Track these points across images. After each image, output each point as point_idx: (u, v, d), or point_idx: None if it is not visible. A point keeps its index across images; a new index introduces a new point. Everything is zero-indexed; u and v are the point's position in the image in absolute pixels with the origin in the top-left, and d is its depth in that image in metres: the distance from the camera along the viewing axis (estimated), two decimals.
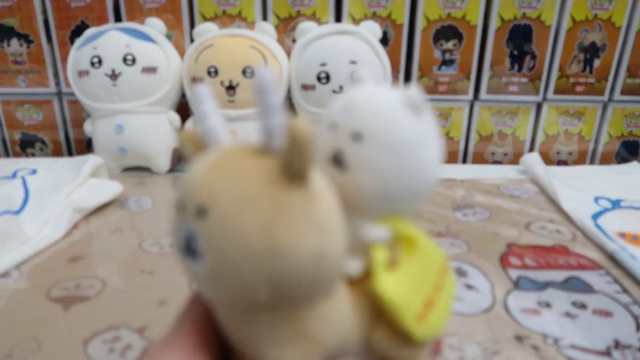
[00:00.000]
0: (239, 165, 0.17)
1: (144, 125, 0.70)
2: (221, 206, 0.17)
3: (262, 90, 0.17)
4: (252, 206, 0.17)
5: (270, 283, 0.17)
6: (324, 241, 0.17)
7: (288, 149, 0.17)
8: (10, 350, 0.36)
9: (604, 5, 0.73)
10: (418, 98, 0.20)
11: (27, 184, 0.56)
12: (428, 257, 0.22)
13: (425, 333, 0.21)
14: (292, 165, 0.17)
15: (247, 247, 0.16)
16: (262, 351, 0.19)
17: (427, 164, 0.21)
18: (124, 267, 0.47)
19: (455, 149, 0.81)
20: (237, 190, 0.17)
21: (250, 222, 0.16)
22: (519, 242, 0.53)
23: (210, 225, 0.17)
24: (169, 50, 0.70)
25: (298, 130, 0.16)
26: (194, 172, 0.18)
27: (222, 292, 0.18)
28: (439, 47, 0.76)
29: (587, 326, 0.39)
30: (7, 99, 0.79)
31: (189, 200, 0.18)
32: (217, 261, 0.17)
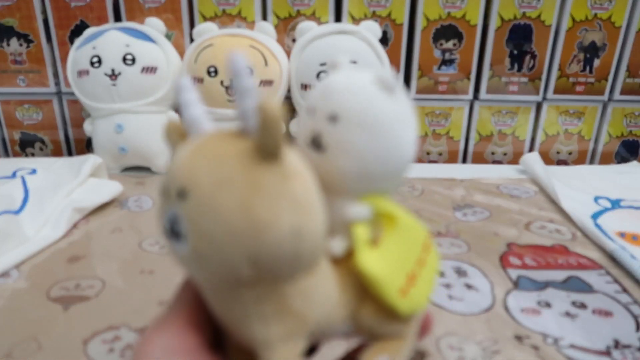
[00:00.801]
0: (217, 148, 0.18)
1: (143, 125, 0.70)
2: (200, 188, 0.17)
3: (236, 73, 0.18)
4: (230, 186, 0.17)
5: (250, 259, 0.18)
6: (301, 217, 0.18)
7: (259, 129, 0.17)
8: (10, 350, 0.36)
9: (604, 5, 0.73)
10: (390, 78, 0.21)
11: (26, 183, 0.56)
12: (410, 234, 0.22)
13: (409, 307, 0.21)
14: (265, 145, 0.17)
15: (226, 226, 0.17)
16: (248, 327, 0.19)
17: (403, 142, 0.21)
18: (124, 267, 0.47)
19: (455, 149, 0.81)
20: (215, 172, 0.17)
21: (228, 201, 0.17)
22: (518, 241, 0.53)
23: (191, 206, 0.17)
24: (169, 50, 0.70)
25: (267, 110, 0.17)
26: (175, 158, 0.19)
27: (205, 271, 0.18)
28: (438, 47, 0.76)
29: (587, 326, 0.39)
30: (7, 99, 0.79)
31: (171, 184, 0.18)
32: (199, 241, 0.17)
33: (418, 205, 0.61)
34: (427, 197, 0.64)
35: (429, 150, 0.81)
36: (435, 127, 0.80)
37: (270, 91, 0.68)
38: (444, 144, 0.81)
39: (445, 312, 0.41)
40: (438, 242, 0.52)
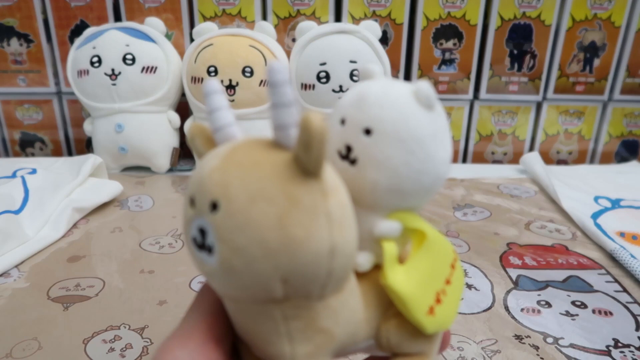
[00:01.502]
0: (251, 159, 0.18)
1: (143, 125, 0.70)
2: (234, 200, 0.17)
3: (275, 84, 0.17)
4: (266, 200, 0.17)
5: (283, 276, 0.17)
6: (336, 235, 0.17)
7: (301, 144, 0.17)
8: (11, 349, 0.36)
9: (604, 5, 0.73)
10: (429, 92, 0.20)
11: (26, 183, 0.56)
12: (438, 252, 0.22)
13: (436, 326, 0.21)
14: (307, 161, 0.17)
15: (261, 241, 0.16)
16: (273, 344, 0.19)
17: (438, 159, 0.21)
18: (124, 267, 0.47)
19: (455, 149, 0.81)
20: (251, 185, 0.17)
21: (264, 216, 0.16)
22: (519, 241, 0.53)
23: (223, 219, 0.17)
24: (169, 50, 0.70)
25: (311, 124, 0.16)
26: (205, 167, 0.18)
27: (233, 286, 0.18)
28: (438, 47, 0.76)
29: (586, 325, 0.39)
30: (7, 99, 0.79)
31: (201, 194, 0.18)
32: (230, 255, 0.17)
33: None
34: None
35: None
36: None
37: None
38: None
39: None
40: None
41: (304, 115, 0.16)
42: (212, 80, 0.20)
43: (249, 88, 0.66)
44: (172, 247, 0.51)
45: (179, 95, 0.72)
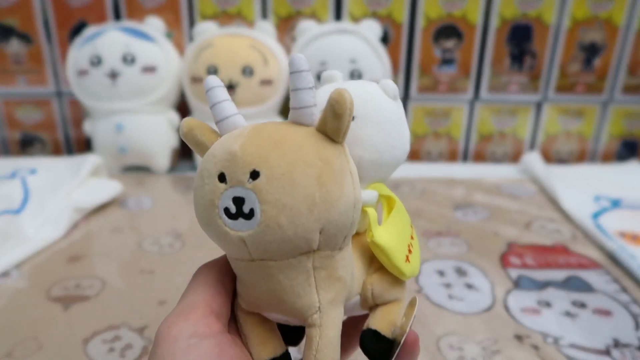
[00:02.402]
0: (279, 134, 0.21)
1: (143, 125, 0.70)
2: (275, 166, 0.20)
3: (298, 70, 0.20)
4: (305, 163, 0.20)
5: (321, 228, 0.20)
6: (357, 191, 0.21)
7: (333, 114, 0.20)
8: (11, 349, 0.36)
9: (604, 5, 0.73)
10: (394, 87, 0.26)
11: (26, 183, 0.56)
12: (403, 214, 0.26)
13: (411, 271, 0.25)
14: (337, 128, 0.20)
15: (305, 197, 0.20)
16: (303, 296, 0.22)
17: (404, 136, 0.26)
18: (124, 267, 0.47)
19: (455, 148, 0.81)
20: (287, 153, 0.20)
21: (305, 176, 0.20)
22: (519, 241, 0.53)
23: (266, 183, 0.19)
24: (169, 50, 0.70)
25: (345, 97, 0.20)
26: (232, 145, 0.21)
27: (276, 242, 0.20)
28: (439, 46, 0.76)
29: (586, 325, 0.39)
30: (7, 99, 0.79)
31: (235, 167, 0.20)
32: (276, 213, 0.19)
33: (418, 205, 0.61)
34: (427, 197, 0.64)
35: (429, 150, 0.81)
36: (436, 126, 0.80)
37: (271, 90, 0.68)
38: (444, 143, 0.81)
39: (445, 311, 0.41)
40: (438, 242, 0.52)
41: (336, 90, 0.20)
42: (212, 76, 0.23)
43: (249, 88, 0.66)
44: (172, 247, 0.51)
45: (179, 95, 0.72)
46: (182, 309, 0.22)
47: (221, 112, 0.22)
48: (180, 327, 0.21)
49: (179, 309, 0.22)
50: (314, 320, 0.22)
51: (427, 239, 0.53)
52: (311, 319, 0.22)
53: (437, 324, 0.39)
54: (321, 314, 0.22)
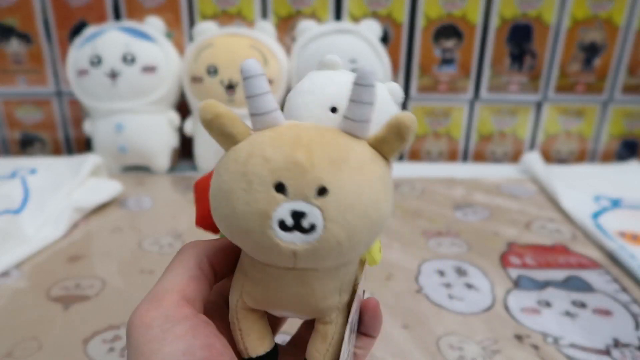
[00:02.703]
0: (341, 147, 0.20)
1: (143, 125, 0.70)
2: (344, 186, 0.20)
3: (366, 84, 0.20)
4: (369, 184, 0.20)
5: (368, 243, 0.21)
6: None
7: (397, 137, 0.21)
8: (11, 349, 0.36)
9: (604, 5, 0.73)
10: (400, 93, 0.26)
11: (26, 183, 0.56)
12: None
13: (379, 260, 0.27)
14: (397, 149, 0.21)
15: (366, 218, 0.20)
16: (328, 299, 0.22)
17: None
18: (124, 267, 0.47)
19: (455, 148, 0.81)
20: (354, 172, 0.20)
21: (369, 198, 0.20)
22: (519, 241, 0.53)
23: (334, 202, 0.19)
24: (169, 50, 0.70)
25: (414, 124, 0.20)
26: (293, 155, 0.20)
27: (333, 256, 0.20)
28: (439, 46, 0.75)
29: (586, 325, 0.39)
30: (7, 99, 0.79)
31: (301, 181, 0.19)
32: (339, 231, 0.20)
33: (418, 205, 0.61)
34: (427, 197, 0.64)
35: (429, 150, 0.81)
36: (436, 126, 0.80)
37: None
38: (444, 143, 0.81)
39: (445, 311, 0.41)
40: (438, 242, 0.52)
41: (407, 115, 0.20)
42: (252, 60, 0.20)
43: None
44: (172, 247, 0.51)
45: (179, 95, 0.72)
46: (154, 295, 0.22)
47: (262, 106, 0.21)
48: (153, 316, 0.21)
49: (150, 296, 0.22)
50: (332, 319, 0.23)
51: (427, 239, 0.53)
52: (329, 317, 0.23)
53: (437, 324, 0.39)
54: (339, 312, 0.23)
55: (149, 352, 0.20)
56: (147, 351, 0.20)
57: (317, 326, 0.24)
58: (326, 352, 0.23)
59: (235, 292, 0.24)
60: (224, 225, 0.21)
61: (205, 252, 0.24)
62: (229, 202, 0.20)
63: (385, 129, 0.21)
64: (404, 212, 0.59)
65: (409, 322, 0.39)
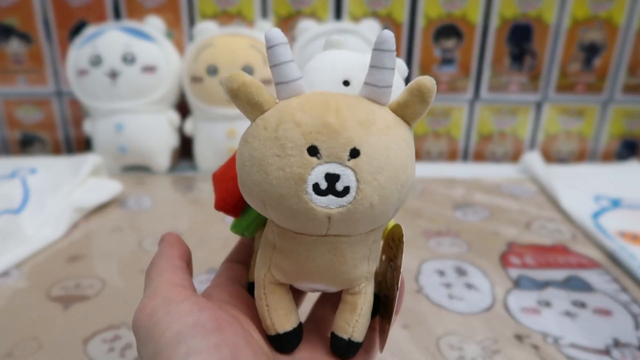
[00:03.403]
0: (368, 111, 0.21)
1: (143, 125, 0.70)
2: (375, 148, 0.20)
3: (386, 49, 0.20)
4: (397, 146, 0.20)
5: (398, 207, 0.22)
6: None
7: (419, 100, 0.21)
8: (11, 349, 0.36)
9: (604, 5, 0.73)
10: (405, 68, 0.27)
11: (26, 183, 0.56)
12: None
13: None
14: (419, 112, 0.21)
15: (396, 179, 0.20)
16: (358, 267, 0.23)
17: None
18: (124, 267, 0.47)
19: (455, 148, 0.81)
20: (382, 135, 0.20)
21: (397, 159, 0.20)
22: (519, 241, 0.53)
23: (366, 163, 0.20)
24: (169, 49, 0.70)
25: (434, 86, 0.20)
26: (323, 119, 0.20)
27: (365, 220, 0.21)
28: (439, 46, 0.75)
29: (586, 325, 0.39)
30: (7, 99, 0.79)
31: (334, 143, 0.19)
32: (372, 192, 0.20)
33: (418, 205, 0.61)
34: (427, 197, 0.64)
35: (429, 150, 0.81)
36: (436, 126, 0.80)
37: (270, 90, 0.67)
38: (445, 143, 0.81)
39: (445, 311, 0.41)
40: (438, 242, 0.52)
41: (427, 78, 0.20)
42: (276, 29, 0.21)
43: None
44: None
45: (179, 95, 0.72)
46: (148, 293, 0.23)
47: (287, 73, 0.21)
48: (153, 305, 0.21)
49: (145, 295, 0.23)
50: (361, 289, 0.23)
51: (427, 239, 0.53)
52: (358, 288, 0.23)
53: (437, 323, 0.39)
54: (367, 282, 0.24)
55: (159, 334, 0.20)
56: (157, 333, 0.20)
57: (345, 297, 0.24)
58: (356, 323, 0.24)
59: (262, 267, 0.24)
60: (256, 192, 0.21)
61: (180, 241, 0.26)
62: (261, 169, 0.20)
63: (407, 94, 0.21)
64: (404, 212, 0.59)
65: (408, 322, 0.39)
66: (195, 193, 0.65)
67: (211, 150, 0.70)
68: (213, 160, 0.71)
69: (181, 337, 0.20)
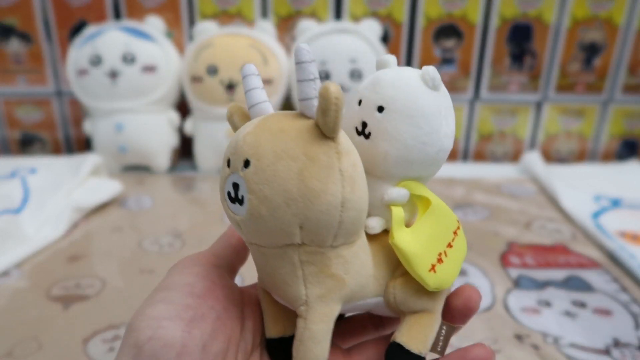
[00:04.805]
0: (279, 125, 0.21)
1: (143, 125, 0.70)
2: (263, 158, 0.20)
3: (301, 62, 0.20)
4: (290, 158, 0.20)
5: (301, 223, 0.20)
6: (348, 190, 0.20)
7: (320, 109, 0.19)
8: (11, 349, 0.36)
9: (604, 5, 0.73)
10: (434, 75, 0.23)
11: (26, 183, 0.56)
12: (442, 218, 0.25)
13: (437, 283, 0.23)
14: (323, 123, 0.20)
15: (284, 191, 0.20)
16: (291, 287, 0.22)
17: (441, 132, 0.23)
18: (124, 266, 0.47)
19: (455, 148, 0.81)
20: (277, 145, 0.20)
21: (287, 170, 0.20)
22: (519, 241, 0.53)
23: (253, 173, 0.20)
24: (169, 49, 0.70)
25: (329, 92, 0.19)
26: (240, 133, 0.21)
27: (260, 231, 0.21)
28: (439, 46, 0.75)
29: (586, 325, 0.39)
30: (7, 99, 0.79)
31: (235, 155, 0.21)
32: (258, 203, 0.20)
33: None
34: None
35: None
36: None
37: (270, 90, 0.68)
38: None
39: None
40: None
41: (323, 85, 0.19)
42: (250, 64, 0.24)
43: None
44: (172, 246, 0.51)
45: (179, 94, 0.72)
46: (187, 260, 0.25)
47: (252, 99, 0.23)
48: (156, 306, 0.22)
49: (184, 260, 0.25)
50: (301, 312, 0.22)
51: None
52: (299, 310, 0.22)
53: None
54: (308, 307, 0.22)
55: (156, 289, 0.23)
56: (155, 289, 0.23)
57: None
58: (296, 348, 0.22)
59: None
60: None
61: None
62: None
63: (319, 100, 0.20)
64: None
65: None
66: (195, 193, 0.65)
67: (211, 150, 0.70)
68: (213, 160, 0.71)
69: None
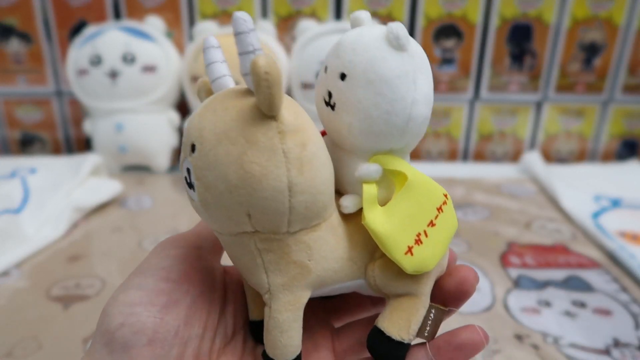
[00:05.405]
0: (223, 105, 0.19)
1: (143, 125, 0.70)
2: (205, 142, 0.19)
3: (240, 33, 0.18)
4: (229, 141, 0.18)
5: (247, 211, 0.19)
6: (295, 173, 0.18)
7: (254, 86, 0.17)
8: (11, 349, 0.36)
9: (604, 5, 0.73)
10: (399, 33, 0.20)
11: (26, 183, 0.56)
12: (422, 194, 0.22)
13: (415, 266, 0.21)
14: (260, 102, 0.18)
15: (224, 178, 0.18)
16: (254, 274, 0.21)
17: (407, 99, 0.20)
18: (124, 266, 0.47)
19: (455, 148, 0.81)
20: (218, 128, 0.18)
21: (227, 155, 0.18)
22: (519, 241, 0.53)
23: (198, 159, 0.19)
24: (169, 49, 0.70)
25: (257, 67, 0.17)
26: (192, 114, 0.20)
27: (212, 219, 0.20)
28: (439, 46, 0.75)
29: (586, 325, 0.39)
30: (7, 99, 0.79)
31: (185, 138, 0.20)
32: (203, 191, 0.19)
33: None
34: None
35: (429, 149, 0.81)
36: (436, 126, 0.80)
37: None
38: (445, 143, 0.81)
39: None
40: None
41: (254, 58, 0.17)
42: (212, 37, 0.22)
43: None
44: None
45: (179, 94, 0.72)
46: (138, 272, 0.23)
47: (212, 74, 0.21)
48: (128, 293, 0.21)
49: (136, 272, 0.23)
50: (266, 300, 0.21)
51: None
52: (264, 298, 0.21)
53: None
54: (271, 295, 0.21)
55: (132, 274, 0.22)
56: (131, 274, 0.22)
57: None
58: (264, 337, 0.21)
59: None
60: None
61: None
62: None
63: None
64: None
65: None
66: None
67: None
68: None
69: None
